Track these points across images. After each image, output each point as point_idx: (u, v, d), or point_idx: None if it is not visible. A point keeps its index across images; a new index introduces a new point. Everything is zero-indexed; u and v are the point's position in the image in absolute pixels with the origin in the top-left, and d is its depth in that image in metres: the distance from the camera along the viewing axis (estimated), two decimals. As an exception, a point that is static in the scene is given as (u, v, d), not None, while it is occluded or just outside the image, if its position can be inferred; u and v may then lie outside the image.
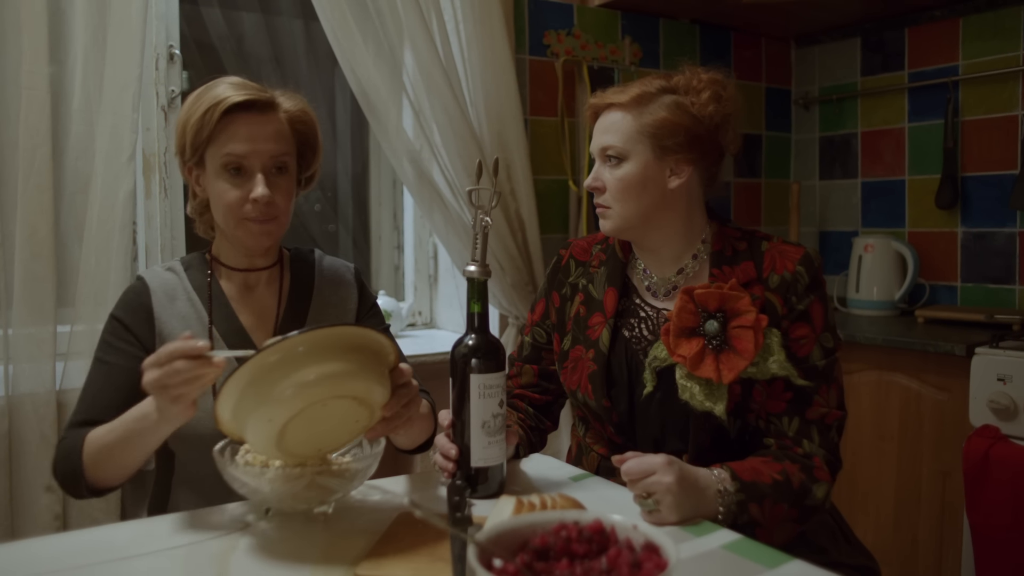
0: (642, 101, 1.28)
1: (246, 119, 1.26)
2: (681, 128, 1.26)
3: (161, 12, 1.99)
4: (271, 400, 0.95)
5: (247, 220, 1.29)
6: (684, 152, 1.27)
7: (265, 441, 0.99)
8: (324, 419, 1.00)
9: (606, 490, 1.21)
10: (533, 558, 0.69)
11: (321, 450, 1.06)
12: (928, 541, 2.12)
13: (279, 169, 1.30)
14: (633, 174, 1.27)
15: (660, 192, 1.28)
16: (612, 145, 1.28)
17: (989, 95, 2.52)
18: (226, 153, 1.26)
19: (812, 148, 3.05)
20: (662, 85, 1.29)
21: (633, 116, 1.27)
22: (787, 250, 1.28)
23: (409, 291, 2.60)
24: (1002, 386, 1.92)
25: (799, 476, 1.17)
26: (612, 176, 1.29)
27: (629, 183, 1.27)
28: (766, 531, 1.12)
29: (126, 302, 1.34)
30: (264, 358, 0.95)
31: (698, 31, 2.80)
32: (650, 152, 1.27)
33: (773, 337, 1.21)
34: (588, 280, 1.40)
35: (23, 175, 1.62)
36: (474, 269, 1.15)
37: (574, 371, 1.36)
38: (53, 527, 1.64)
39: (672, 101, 1.27)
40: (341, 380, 0.99)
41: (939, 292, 2.67)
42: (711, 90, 1.28)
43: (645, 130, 1.26)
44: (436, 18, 2.12)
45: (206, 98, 1.27)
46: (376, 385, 1.03)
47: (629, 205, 1.28)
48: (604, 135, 1.30)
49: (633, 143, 1.27)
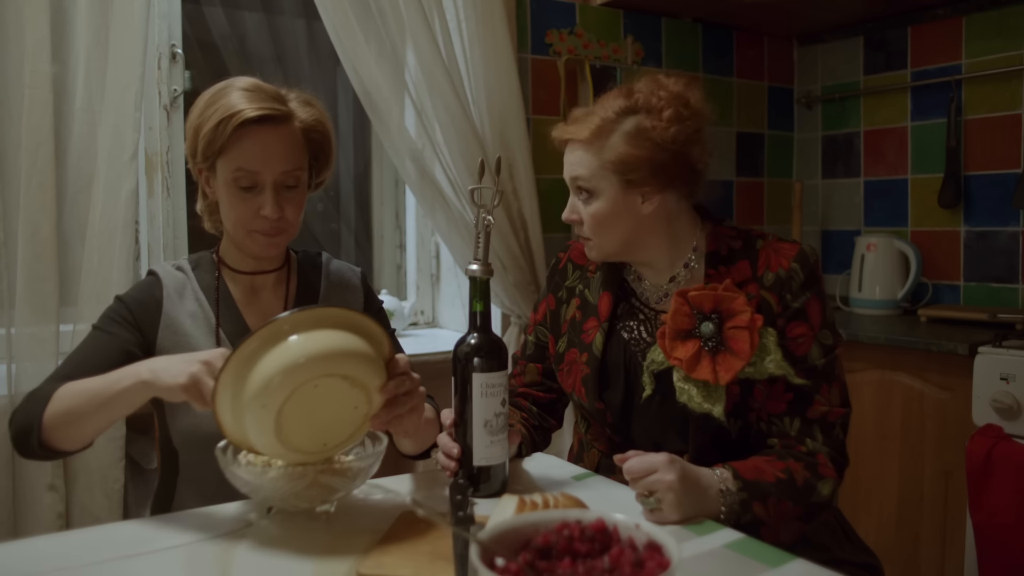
0: (601, 135, 1.24)
1: (259, 134, 1.25)
2: (643, 161, 1.22)
3: (163, 11, 1.99)
4: (262, 385, 0.95)
5: (255, 232, 1.29)
6: (650, 184, 1.25)
7: (266, 435, 0.98)
8: (321, 405, 0.99)
9: (608, 489, 1.21)
10: (535, 557, 0.69)
11: (326, 444, 1.04)
12: (931, 540, 2.11)
13: (291, 184, 1.30)
14: (604, 209, 1.27)
15: (635, 219, 1.27)
16: (580, 177, 1.27)
17: (992, 94, 2.52)
18: (237, 168, 1.25)
19: (814, 147, 3.05)
20: (622, 106, 1.24)
21: (593, 152, 1.25)
22: (782, 247, 1.27)
23: (411, 290, 2.60)
24: (1005, 385, 1.91)
25: (803, 474, 1.17)
26: (586, 211, 1.29)
27: (602, 218, 1.27)
28: (771, 530, 1.12)
29: (137, 291, 1.35)
30: (251, 343, 0.95)
31: (700, 30, 2.79)
32: (617, 186, 1.25)
33: (769, 336, 1.20)
34: (585, 285, 1.41)
35: (25, 174, 1.62)
36: (476, 268, 1.15)
37: (568, 374, 1.37)
38: (56, 526, 1.64)
39: (633, 128, 1.23)
40: (329, 358, 0.98)
41: (942, 291, 2.67)
42: (672, 108, 1.22)
43: (607, 166, 1.24)
44: (438, 17, 2.12)
45: (220, 107, 1.25)
46: (367, 364, 1.02)
47: (606, 237, 1.29)
48: (572, 167, 1.29)
49: (598, 178, 1.26)
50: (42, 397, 1.15)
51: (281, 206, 1.28)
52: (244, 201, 1.27)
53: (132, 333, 1.29)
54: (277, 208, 1.27)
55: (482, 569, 0.64)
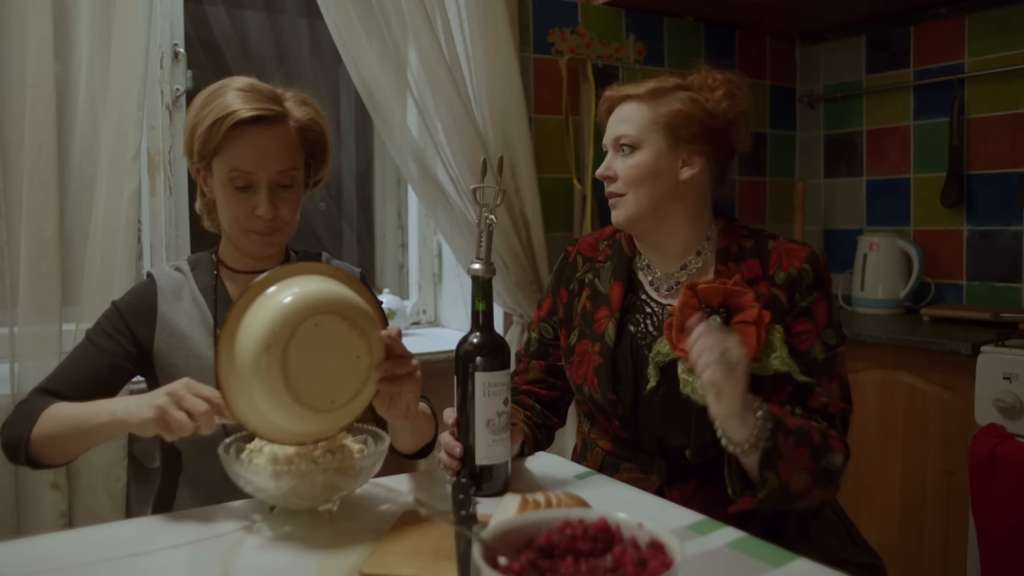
0: (657, 94, 1.31)
1: (254, 134, 1.25)
2: (695, 119, 1.29)
3: (166, 11, 1.99)
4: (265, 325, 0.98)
5: (251, 232, 1.30)
6: (697, 143, 1.29)
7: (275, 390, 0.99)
8: (324, 347, 1.01)
9: (611, 488, 1.21)
10: (538, 556, 0.69)
11: (334, 401, 1.04)
12: (933, 540, 2.11)
13: (285, 184, 1.30)
14: (646, 162, 1.29)
15: (672, 182, 1.30)
16: (626, 134, 1.31)
17: (995, 93, 2.51)
18: (231, 168, 1.26)
19: (817, 146, 3.04)
20: (677, 83, 1.33)
21: (649, 107, 1.30)
22: (794, 248, 1.29)
23: (413, 289, 2.60)
24: (1008, 385, 1.91)
25: (818, 434, 1.18)
26: (625, 164, 1.31)
27: (642, 171, 1.29)
28: (786, 467, 1.12)
29: (132, 297, 1.36)
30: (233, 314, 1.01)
31: (702, 29, 2.79)
32: (663, 141, 1.29)
33: (776, 333, 1.21)
34: (595, 275, 1.41)
35: (28, 174, 1.62)
36: (479, 267, 1.15)
37: (580, 365, 1.37)
38: (59, 524, 1.64)
39: (687, 96, 1.31)
40: (317, 294, 1.02)
41: (944, 291, 2.66)
42: (725, 88, 1.31)
43: (660, 120, 1.29)
44: (440, 16, 2.12)
45: (215, 107, 1.25)
46: (361, 306, 1.05)
47: (641, 192, 1.30)
48: (619, 125, 1.32)
49: (647, 132, 1.30)
50: (31, 413, 1.20)
51: (276, 206, 1.29)
52: (239, 201, 1.28)
53: (124, 343, 1.31)
54: (272, 208, 1.28)
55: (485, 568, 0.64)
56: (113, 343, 1.30)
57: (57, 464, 1.25)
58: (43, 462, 1.22)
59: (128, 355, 1.31)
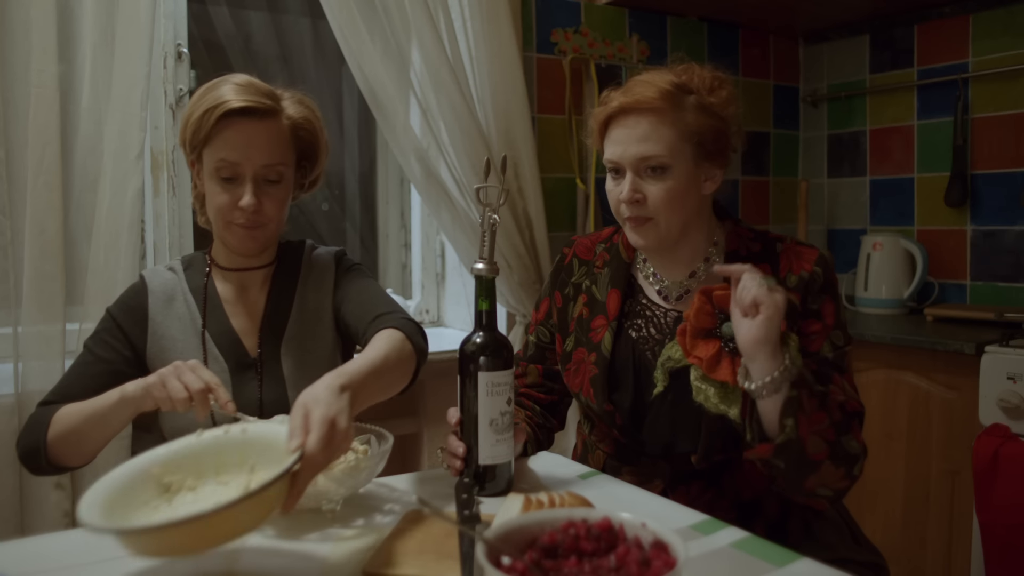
0: (674, 102, 1.22)
1: (242, 126, 1.26)
2: (718, 132, 1.24)
3: (169, 11, 2.00)
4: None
5: (233, 224, 1.30)
6: (720, 157, 1.26)
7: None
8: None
9: (615, 488, 1.20)
10: (542, 556, 0.69)
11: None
12: (937, 540, 2.11)
13: (272, 179, 1.30)
14: (680, 185, 1.23)
15: (697, 199, 1.27)
16: (656, 155, 1.22)
17: (999, 92, 2.51)
18: (219, 159, 1.27)
19: (820, 146, 3.04)
20: (676, 83, 1.24)
21: (669, 123, 1.22)
22: (802, 251, 1.27)
23: (416, 289, 2.60)
24: (1012, 385, 1.91)
25: (839, 412, 1.13)
26: (658, 188, 1.23)
27: (676, 195, 1.23)
28: (806, 423, 1.08)
29: (123, 300, 1.38)
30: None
31: (706, 28, 2.79)
32: (691, 160, 1.24)
33: (791, 341, 1.18)
34: (592, 281, 1.39)
35: (32, 173, 1.62)
36: (482, 267, 1.15)
37: (576, 374, 1.36)
38: (62, 523, 1.65)
39: (696, 103, 1.24)
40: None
41: (948, 290, 2.66)
42: (725, 89, 1.26)
43: (685, 137, 1.22)
44: (443, 16, 2.12)
45: (208, 98, 1.27)
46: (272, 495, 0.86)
47: (674, 217, 1.25)
48: (642, 145, 1.22)
49: (677, 152, 1.22)
50: (42, 420, 1.23)
51: (260, 199, 1.28)
52: (225, 191, 1.28)
53: (120, 348, 1.33)
54: (255, 200, 1.27)
55: (488, 567, 0.64)
56: (110, 350, 1.32)
57: (77, 464, 1.26)
58: (64, 463, 1.24)
59: (126, 360, 1.33)
